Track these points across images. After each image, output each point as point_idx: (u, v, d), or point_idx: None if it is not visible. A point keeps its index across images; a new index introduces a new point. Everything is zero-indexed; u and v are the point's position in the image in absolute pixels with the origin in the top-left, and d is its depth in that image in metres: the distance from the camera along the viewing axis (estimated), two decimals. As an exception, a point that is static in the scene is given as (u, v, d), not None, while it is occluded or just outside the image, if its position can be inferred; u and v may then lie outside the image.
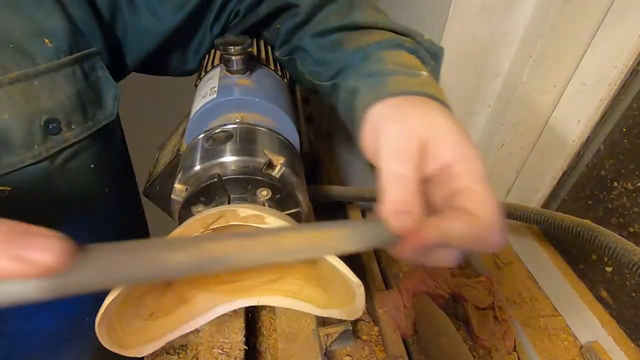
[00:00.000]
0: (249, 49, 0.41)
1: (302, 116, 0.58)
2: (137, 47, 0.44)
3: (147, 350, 0.31)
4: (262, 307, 0.53)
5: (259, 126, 0.38)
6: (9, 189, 0.31)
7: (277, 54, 0.46)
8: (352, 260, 0.68)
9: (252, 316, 0.51)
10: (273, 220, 0.27)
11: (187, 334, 0.35)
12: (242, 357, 0.42)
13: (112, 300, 0.25)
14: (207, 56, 0.49)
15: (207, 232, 0.27)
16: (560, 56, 0.46)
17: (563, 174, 0.60)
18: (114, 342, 0.28)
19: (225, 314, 0.36)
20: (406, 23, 0.57)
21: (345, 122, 0.33)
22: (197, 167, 0.35)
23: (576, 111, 0.52)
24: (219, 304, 0.36)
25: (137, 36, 0.43)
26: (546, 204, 0.64)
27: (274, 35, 0.45)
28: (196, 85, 0.48)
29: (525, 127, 0.53)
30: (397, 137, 0.25)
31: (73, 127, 0.35)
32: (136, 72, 0.51)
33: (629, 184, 0.49)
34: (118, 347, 0.28)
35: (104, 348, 0.27)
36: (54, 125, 0.33)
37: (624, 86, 0.49)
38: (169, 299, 0.34)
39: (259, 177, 0.34)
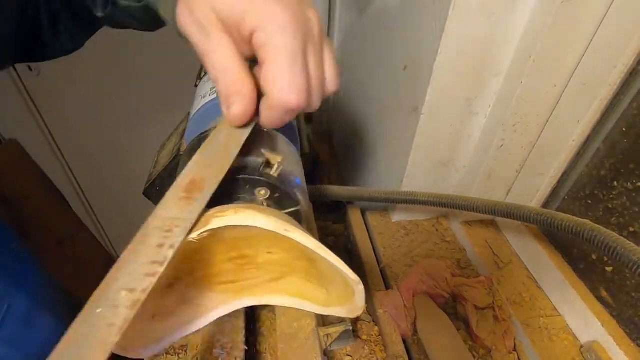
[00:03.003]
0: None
1: (302, 116, 0.58)
2: None
3: (149, 351, 0.31)
4: (262, 307, 0.53)
5: (259, 126, 0.38)
6: None
7: (99, 14, 0.38)
8: (352, 260, 0.68)
9: (252, 316, 0.51)
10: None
11: (187, 334, 0.35)
12: (242, 357, 0.42)
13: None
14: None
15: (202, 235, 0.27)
16: (560, 56, 0.46)
17: (563, 174, 0.60)
18: (115, 343, 0.28)
19: (225, 314, 0.36)
20: (405, 23, 0.57)
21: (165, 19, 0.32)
22: (197, 167, 0.35)
23: (576, 111, 0.52)
24: (220, 305, 0.36)
25: None
26: (546, 204, 0.65)
27: None
28: (196, 85, 0.48)
29: (525, 127, 0.53)
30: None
31: None
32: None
33: (629, 183, 0.49)
34: (120, 348, 0.28)
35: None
36: None
37: (624, 86, 0.49)
38: (170, 300, 0.34)
39: (257, 177, 0.34)
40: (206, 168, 0.26)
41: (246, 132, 0.27)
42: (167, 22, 0.31)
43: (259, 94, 0.27)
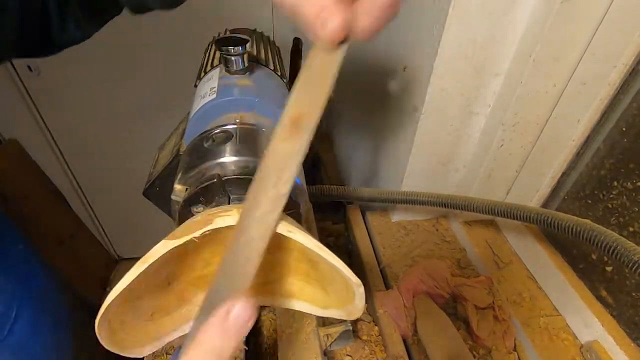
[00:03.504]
0: (249, 49, 0.41)
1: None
2: None
3: (147, 350, 0.31)
4: (262, 307, 0.53)
5: (259, 126, 0.38)
6: None
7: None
8: (352, 260, 0.68)
9: (252, 316, 0.51)
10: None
11: (187, 334, 0.35)
12: (242, 357, 0.42)
13: (112, 301, 0.25)
14: (207, 56, 0.49)
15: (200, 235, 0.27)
16: (560, 56, 0.46)
17: (563, 174, 0.60)
18: (114, 343, 0.28)
19: (225, 314, 0.36)
20: (405, 23, 0.57)
21: None
22: (197, 168, 0.35)
23: (576, 111, 0.52)
24: (219, 304, 0.36)
25: None
26: (546, 204, 0.65)
27: None
28: (196, 86, 0.48)
29: (525, 127, 0.53)
30: None
31: None
32: None
33: (628, 183, 0.49)
34: (118, 347, 0.28)
35: (104, 348, 0.27)
36: None
37: (624, 86, 0.49)
38: (169, 299, 0.34)
39: (259, 177, 0.34)
40: (306, 102, 0.25)
41: (341, 53, 0.25)
42: None
43: None
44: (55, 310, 0.56)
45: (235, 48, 0.40)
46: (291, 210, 0.36)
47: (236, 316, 0.20)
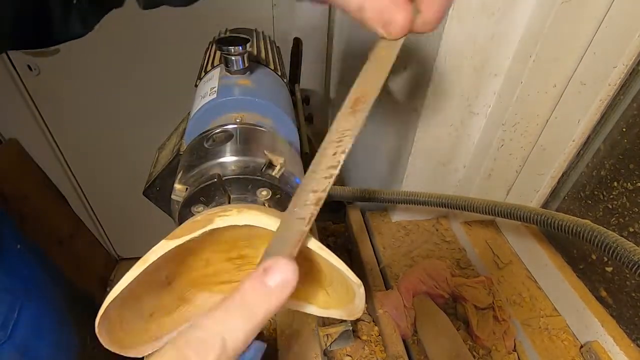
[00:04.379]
0: (249, 49, 0.41)
1: (302, 116, 0.58)
2: None
3: (147, 350, 0.31)
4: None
5: (259, 126, 0.38)
6: None
7: None
8: (352, 260, 0.68)
9: (252, 316, 0.51)
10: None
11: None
12: (242, 357, 0.42)
13: (112, 300, 0.25)
14: (207, 56, 0.49)
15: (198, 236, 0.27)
16: (560, 56, 0.46)
17: (563, 174, 0.60)
18: (114, 342, 0.27)
19: (225, 314, 0.36)
20: (406, 23, 0.57)
21: None
22: (197, 168, 0.35)
23: (576, 111, 0.52)
24: (219, 304, 0.36)
25: None
26: (546, 204, 0.65)
27: None
28: (196, 85, 0.48)
29: (525, 127, 0.53)
30: None
31: None
32: None
33: (629, 184, 0.49)
34: (118, 347, 0.28)
35: (104, 348, 0.27)
36: None
37: (624, 86, 0.49)
38: (169, 298, 0.34)
39: (259, 177, 0.34)
40: (365, 84, 0.29)
41: (399, 43, 0.29)
42: None
43: None
44: (57, 310, 0.56)
45: (236, 48, 0.40)
46: (291, 210, 0.36)
47: (276, 272, 0.19)
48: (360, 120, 0.27)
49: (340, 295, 0.33)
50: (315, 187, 0.24)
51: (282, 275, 0.19)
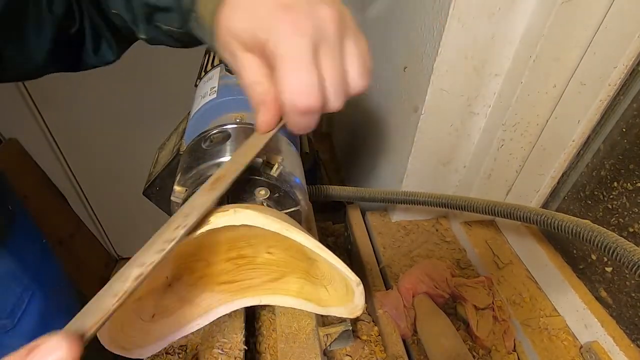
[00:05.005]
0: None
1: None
2: None
3: (149, 351, 0.31)
4: (262, 307, 0.52)
5: (259, 126, 0.38)
6: None
7: (142, 36, 0.40)
8: (352, 260, 0.68)
9: (252, 316, 0.51)
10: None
11: (187, 334, 0.35)
12: (242, 357, 0.42)
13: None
14: (207, 56, 0.49)
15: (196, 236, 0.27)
16: (560, 56, 0.46)
17: (563, 174, 0.60)
18: (115, 343, 0.28)
19: (225, 314, 0.36)
20: (406, 23, 0.57)
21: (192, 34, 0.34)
22: (196, 169, 0.35)
23: (576, 111, 0.52)
24: (221, 304, 0.36)
25: None
26: (546, 204, 0.64)
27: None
28: (196, 85, 0.48)
29: (525, 128, 0.53)
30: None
31: None
32: None
33: (629, 184, 0.49)
34: (120, 348, 0.28)
35: (105, 349, 0.27)
36: None
37: (624, 86, 0.49)
38: (170, 300, 0.34)
39: (257, 177, 0.34)
40: (230, 165, 0.30)
41: (268, 135, 0.30)
42: (212, 48, 0.33)
43: None
44: (63, 304, 0.57)
45: (235, 48, 0.40)
46: (291, 209, 0.36)
47: (41, 354, 0.16)
48: (213, 198, 0.28)
49: (340, 293, 0.33)
50: (143, 260, 0.23)
51: (45, 356, 0.16)
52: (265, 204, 0.35)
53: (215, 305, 0.36)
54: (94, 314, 0.20)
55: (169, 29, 0.36)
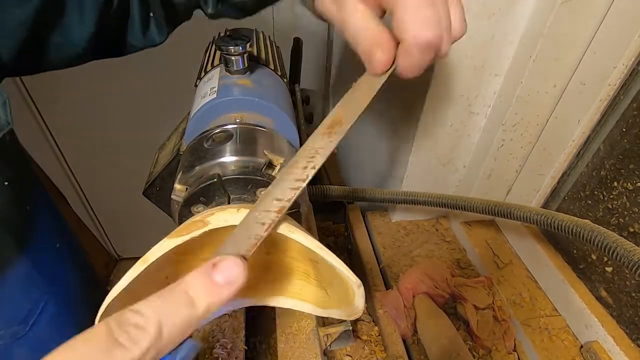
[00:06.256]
0: (249, 49, 0.41)
1: (302, 116, 0.58)
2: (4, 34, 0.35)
3: (147, 350, 0.31)
4: (262, 307, 0.52)
5: (259, 126, 0.38)
6: None
7: (209, 11, 0.40)
8: (352, 260, 0.68)
9: (252, 316, 0.51)
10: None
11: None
12: (242, 357, 0.42)
13: (112, 300, 0.25)
14: (207, 56, 0.49)
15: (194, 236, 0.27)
16: (560, 56, 0.46)
17: (563, 174, 0.60)
18: (115, 342, 0.27)
19: (225, 314, 0.36)
20: (406, 23, 0.57)
21: None
22: (197, 168, 0.35)
23: (576, 111, 0.52)
24: (219, 304, 0.36)
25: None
26: (546, 204, 0.65)
27: None
28: (196, 86, 0.48)
29: (525, 127, 0.53)
30: None
31: None
32: (15, 71, 0.40)
33: (629, 184, 0.49)
34: (118, 347, 0.28)
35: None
36: None
37: (624, 86, 0.49)
38: (169, 299, 0.34)
39: (259, 177, 0.34)
40: (346, 109, 0.30)
41: (383, 79, 0.30)
42: (308, 6, 0.33)
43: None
44: (75, 313, 0.57)
45: (236, 48, 0.40)
46: (291, 210, 0.36)
47: (224, 268, 0.19)
48: (334, 143, 0.28)
49: (340, 295, 0.33)
50: (281, 195, 0.25)
51: (229, 272, 0.19)
52: (265, 204, 0.35)
53: (215, 305, 0.36)
54: (246, 241, 0.22)
55: (239, 1, 0.37)
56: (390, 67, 0.29)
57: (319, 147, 0.28)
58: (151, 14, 0.41)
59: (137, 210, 1.17)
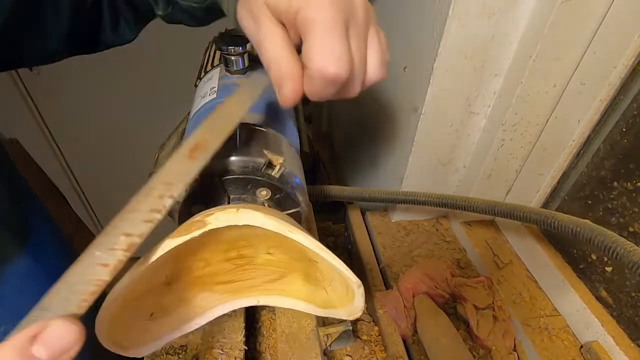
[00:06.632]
0: (249, 49, 0.41)
1: (302, 116, 0.58)
2: None
3: (147, 350, 0.31)
4: (262, 307, 0.52)
5: (259, 126, 0.38)
6: None
7: (159, 13, 0.40)
8: (352, 260, 0.68)
9: (252, 316, 0.51)
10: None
11: (187, 334, 0.35)
12: (242, 357, 0.42)
13: (112, 300, 0.25)
14: (207, 56, 0.49)
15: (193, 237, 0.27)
16: (560, 56, 0.46)
17: (563, 174, 0.60)
18: (114, 342, 0.28)
19: (225, 314, 0.36)
20: (406, 23, 0.57)
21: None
22: (197, 168, 0.35)
23: (576, 111, 0.52)
24: (219, 304, 0.36)
25: None
26: (546, 204, 0.65)
27: None
28: (196, 86, 0.48)
29: (525, 127, 0.53)
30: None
31: None
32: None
33: (629, 184, 0.49)
34: (118, 347, 0.28)
35: (104, 348, 0.27)
36: None
37: (624, 86, 0.49)
38: (169, 299, 0.34)
39: (259, 177, 0.34)
40: (210, 132, 0.27)
41: (251, 100, 0.29)
42: (229, 18, 0.32)
43: None
44: None
45: (236, 48, 0.40)
46: (291, 210, 0.36)
47: (46, 340, 0.14)
48: (196, 169, 0.25)
49: (340, 295, 0.33)
50: (130, 229, 0.21)
51: (55, 344, 0.15)
52: (266, 204, 0.35)
53: (214, 305, 0.36)
54: (82, 289, 0.18)
55: (189, 5, 0.36)
56: (298, 100, 0.28)
57: (179, 172, 0.24)
58: (120, 14, 0.42)
59: (137, 210, 1.17)
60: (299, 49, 0.27)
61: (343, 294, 0.33)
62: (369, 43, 0.28)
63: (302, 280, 0.37)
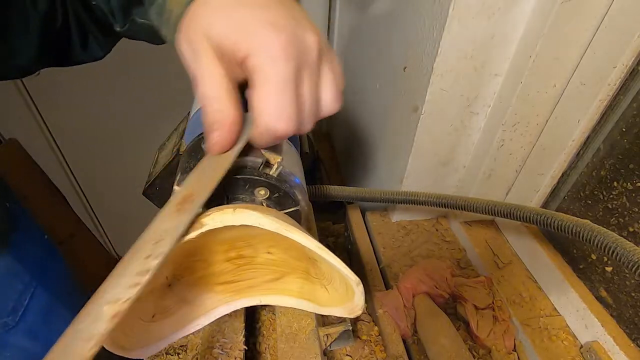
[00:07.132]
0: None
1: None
2: None
3: (149, 352, 0.31)
4: (262, 307, 0.52)
5: (259, 126, 0.38)
6: None
7: (117, 29, 0.39)
8: (352, 260, 0.68)
9: (252, 316, 0.51)
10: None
11: (187, 334, 0.35)
12: (242, 357, 0.42)
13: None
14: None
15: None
16: (560, 56, 0.46)
17: (563, 174, 0.60)
18: (116, 344, 0.28)
19: (225, 314, 0.37)
20: (405, 23, 0.57)
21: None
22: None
23: (576, 111, 0.52)
24: (220, 305, 0.36)
25: None
26: (546, 204, 0.64)
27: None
28: (196, 86, 0.48)
29: (525, 127, 0.53)
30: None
31: None
32: None
33: (629, 184, 0.49)
34: (119, 348, 0.28)
35: (105, 350, 0.27)
36: None
37: (624, 86, 0.49)
38: (170, 300, 0.34)
39: (257, 177, 0.34)
40: (198, 182, 0.27)
41: (236, 150, 0.28)
42: (169, 41, 0.32)
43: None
44: (66, 302, 0.57)
45: (235, 48, 0.40)
46: (291, 209, 0.36)
47: None
48: (184, 222, 0.24)
49: (340, 293, 0.33)
50: (114, 296, 0.20)
51: None
52: (265, 204, 0.35)
53: (215, 305, 0.36)
54: None
55: (144, 22, 0.36)
56: (230, 149, 0.27)
57: (168, 227, 0.24)
58: (88, 32, 0.42)
59: (137, 210, 1.17)
60: (243, 83, 0.26)
61: (343, 292, 0.33)
62: (322, 80, 0.27)
63: (302, 280, 0.37)
